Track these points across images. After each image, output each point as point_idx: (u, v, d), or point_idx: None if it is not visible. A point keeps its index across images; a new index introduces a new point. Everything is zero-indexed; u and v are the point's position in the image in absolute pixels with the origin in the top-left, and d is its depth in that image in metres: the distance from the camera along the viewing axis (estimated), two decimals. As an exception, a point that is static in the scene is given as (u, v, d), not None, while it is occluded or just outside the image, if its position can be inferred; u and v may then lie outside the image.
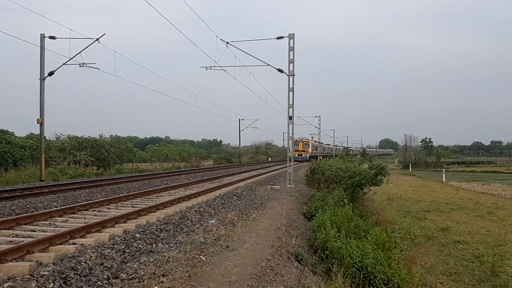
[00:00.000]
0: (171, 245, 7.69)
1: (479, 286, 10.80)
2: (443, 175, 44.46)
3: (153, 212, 11.09)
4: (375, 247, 9.91)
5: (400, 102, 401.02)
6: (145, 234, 8.11)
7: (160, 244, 7.81)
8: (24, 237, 7.79)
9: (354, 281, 8.49)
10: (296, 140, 63.69)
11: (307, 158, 64.41)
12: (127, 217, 9.82)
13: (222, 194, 15.69)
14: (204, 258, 6.83)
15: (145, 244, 7.58)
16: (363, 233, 11.46)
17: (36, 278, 5.18)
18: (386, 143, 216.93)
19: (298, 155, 64.21)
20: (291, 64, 21.90)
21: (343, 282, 7.91)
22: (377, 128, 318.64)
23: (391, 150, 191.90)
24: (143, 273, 5.90)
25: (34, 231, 8.55)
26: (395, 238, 12.63)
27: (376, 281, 8.61)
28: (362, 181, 18.60)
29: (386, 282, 8.66)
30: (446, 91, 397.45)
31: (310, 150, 66.67)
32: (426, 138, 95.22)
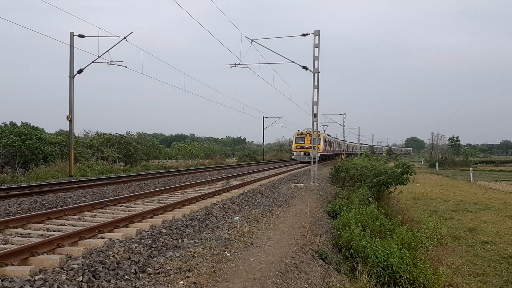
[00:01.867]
0: (197, 241, 7.78)
1: (506, 287, 10.57)
2: (471, 174, 43.50)
3: (179, 208, 11.21)
4: (401, 247, 9.82)
5: (428, 100, 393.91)
6: (171, 230, 8.22)
7: (185, 239, 7.91)
8: (54, 231, 7.99)
9: (379, 280, 8.43)
10: (301, 133, 45.80)
11: (317, 159, 46.68)
12: (153, 212, 9.97)
13: (246, 191, 15.75)
14: (229, 254, 6.89)
15: (171, 239, 7.68)
16: (388, 232, 11.36)
17: (66, 271, 5.30)
18: (413, 142, 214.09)
19: (304, 153, 45.08)
20: (316, 61, 21.77)
21: (368, 281, 7.86)
22: (403, 127, 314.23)
23: (410, 148, 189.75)
24: (169, 268, 5.99)
25: (64, 225, 8.76)
26: (421, 238, 12.48)
27: (402, 280, 8.53)
28: (388, 180, 18.41)
29: (411, 282, 8.57)
30: (475, 89, 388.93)
31: (321, 147, 45.54)
32: (453, 137, 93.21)
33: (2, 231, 7.80)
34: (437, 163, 68.84)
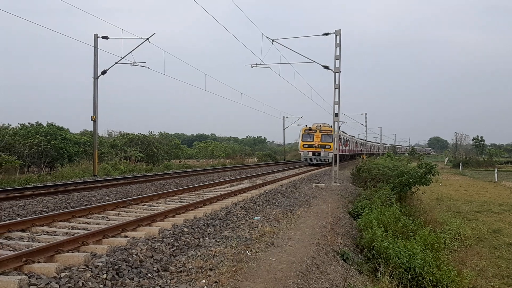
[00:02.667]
0: (218, 240, 7.83)
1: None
2: (496, 175, 42.59)
3: (200, 207, 11.30)
4: (424, 248, 9.69)
5: (451, 99, 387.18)
6: (193, 229, 8.30)
7: (207, 238, 7.98)
8: (79, 229, 8.15)
9: (401, 281, 8.35)
10: (310, 128, 38.25)
11: (329, 160, 36.33)
12: (175, 211, 10.07)
13: (266, 191, 15.76)
14: (250, 254, 6.92)
15: (192, 238, 7.76)
16: (411, 233, 11.23)
17: (91, 268, 5.43)
18: (436, 142, 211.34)
19: (313, 153, 37.68)
20: (337, 61, 21.62)
21: (390, 283, 7.80)
22: (426, 126, 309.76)
23: (429, 148, 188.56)
24: (191, 266, 6.05)
25: (88, 223, 8.92)
26: (444, 239, 12.28)
27: (424, 282, 8.43)
28: (411, 180, 18.20)
29: (434, 283, 8.46)
30: (500, 87, 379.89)
31: (334, 145, 30.20)
32: (477, 137, 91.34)
33: (29, 229, 8.00)
34: (461, 163, 67.57)
